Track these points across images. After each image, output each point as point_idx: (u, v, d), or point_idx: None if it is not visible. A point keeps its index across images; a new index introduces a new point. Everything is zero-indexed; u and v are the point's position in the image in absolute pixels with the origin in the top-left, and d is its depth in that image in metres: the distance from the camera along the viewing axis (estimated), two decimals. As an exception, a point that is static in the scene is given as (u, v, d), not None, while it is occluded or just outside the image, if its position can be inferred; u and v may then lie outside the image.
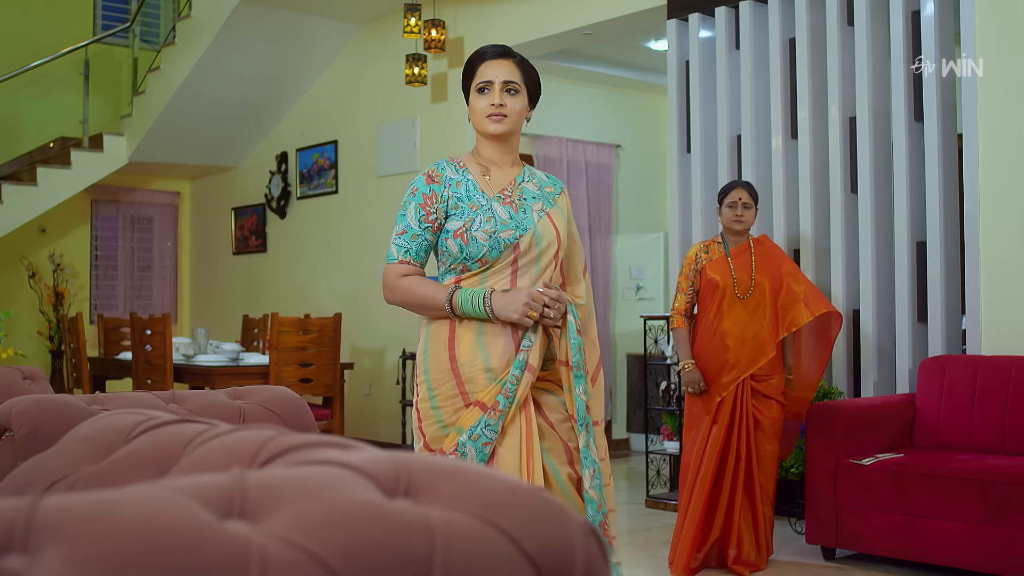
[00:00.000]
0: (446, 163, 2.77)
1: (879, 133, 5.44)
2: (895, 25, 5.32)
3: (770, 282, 4.60)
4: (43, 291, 9.66)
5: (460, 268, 2.68)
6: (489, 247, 2.63)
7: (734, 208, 4.65)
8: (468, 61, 2.81)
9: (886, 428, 4.86)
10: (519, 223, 2.68)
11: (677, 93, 6.33)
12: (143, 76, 9.26)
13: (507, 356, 2.63)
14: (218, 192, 10.39)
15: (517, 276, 2.67)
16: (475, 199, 2.69)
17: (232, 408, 2.39)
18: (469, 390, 2.65)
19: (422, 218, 2.69)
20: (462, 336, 2.66)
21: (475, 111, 2.77)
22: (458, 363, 2.65)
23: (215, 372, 6.20)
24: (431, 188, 2.71)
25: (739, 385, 4.54)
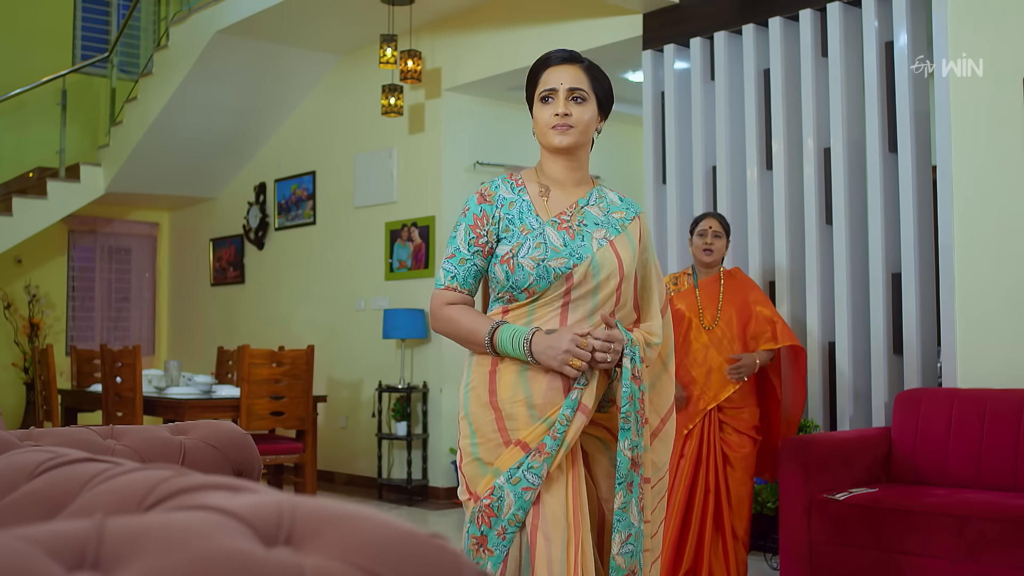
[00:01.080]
0: (501, 180, 2.55)
1: (854, 164, 5.41)
2: (869, 56, 5.30)
3: (737, 312, 4.54)
4: (18, 322, 9.56)
5: (507, 297, 2.48)
6: (537, 276, 2.40)
7: (704, 237, 4.60)
8: (531, 68, 2.57)
9: (861, 462, 4.79)
10: (574, 251, 2.43)
11: (653, 124, 6.30)
12: (121, 106, 9.21)
13: (552, 392, 2.41)
14: (197, 223, 10.32)
15: (568, 310, 2.43)
16: (527, 222, 2.46)
17: (173, 444, 2.31)
18: (510, 427, 2.42)
19: (471, 241, 2.48)
20: (504, 371, 2.45)
21: (538, 122, 2.53)
22: (498, 397, 2.44)
23: (185, 405, 6.11)
24: (482, 208, 2.49)
25: (706, 417, 4.47)
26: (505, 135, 8.04)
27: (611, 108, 2.60)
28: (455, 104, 7.72)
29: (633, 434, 2.40)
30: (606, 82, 2.57)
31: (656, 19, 6.25)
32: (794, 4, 5.59)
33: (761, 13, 5.73)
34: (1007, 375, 4.73)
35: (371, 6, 7.21)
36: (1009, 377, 4.72)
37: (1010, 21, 4.75)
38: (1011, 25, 4.75)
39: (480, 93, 7.71)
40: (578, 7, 6.64)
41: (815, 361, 5.44)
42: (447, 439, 7.62)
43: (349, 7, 7.28)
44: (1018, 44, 4.72)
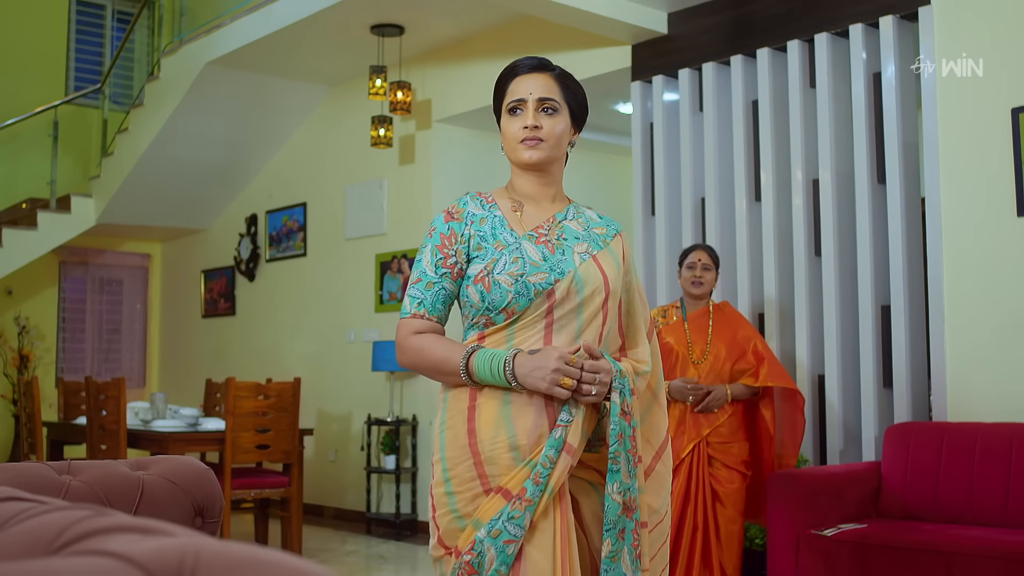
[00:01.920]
0: (470, 198, 2.34)
1: (842, 195, 5.37)
2: (857, 87, 5.28)
3: (727, 347, 4.49)
4: (7, 354, 9.50)
5: (483, 322, 2.24)
6: (516, 293, 2.18)
7: (693, 269, 4.55)
8: (498, 78, 2.39)
9: (850, 497, 4.72)
10: (555, 265, 2.22)
11: (641, 155, 6.27)
12: (112, 137, 9.19)
13: (538, 432, 2.17)
14: (188, 254, 10.29)
15: (552, 332, 2.21)
16: (501, 237, 2.25)
17: (131, 480, 2.25)
18: (489, 473, 2.18)
19: (439, 262, 2.26)
20: (484, 405, 2.20)
21: (506, 136, 2.33)
22: (477, 438, 2.19)
23: (170, 438, 6.03)
24: (449, 227, 2.28)
25: (693, 452, 4.40)
26: (496, 167, 7.99)
27: (585, 119, 2.42)
28: (445, 135, 7.70)
29: (624, 475, 2.18)
30: (579, 91, 2.39)
31: (645, 50, 6.23)
32: (782, 35, 5.57)
33: (749, 44, 5.72)
34: (998, 408, 4.68)
35: (361, 37, 7.20)
36: (1000, 410, 4.67)
37: (999, 53, 4.73)
38: (1000, 57, 4.73)
39: (470, 124, 7.69)
40: (567, 38, 6.62)
41: (805, 395, 5.37)
42: (437, 472, 7.52)
43: (339, 38, 7.27)
44: (1007, 75, 4.70)
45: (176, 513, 2.26)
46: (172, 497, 2.27)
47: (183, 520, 2.27)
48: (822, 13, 5.40)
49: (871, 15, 5.21)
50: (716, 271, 4.61)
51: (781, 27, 5.58)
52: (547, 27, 6.65)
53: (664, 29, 6.10)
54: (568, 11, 5.84)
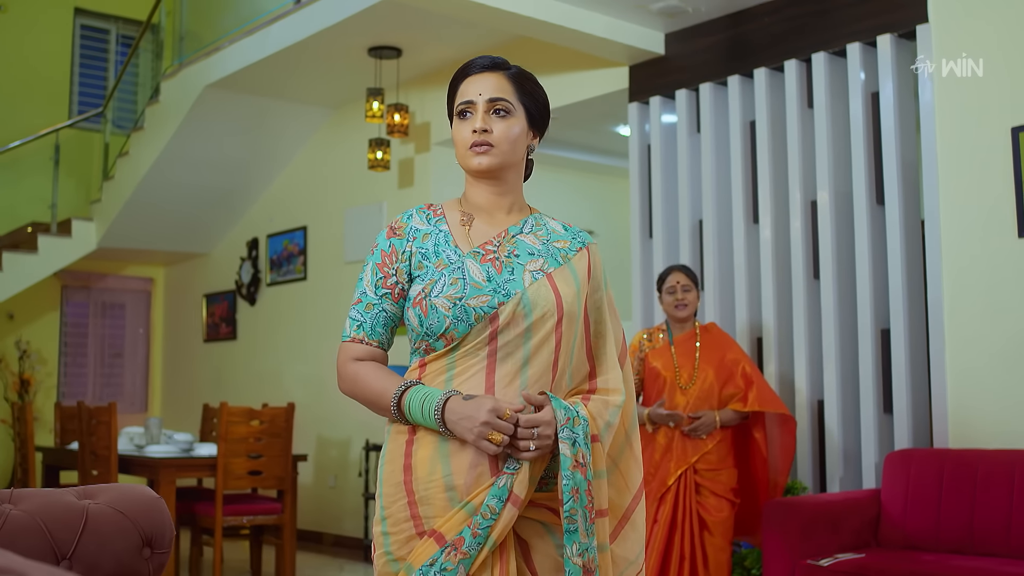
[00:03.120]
0: (416, 211, 2.15)
1: (841, 217, 5.28)
2: (854, 107, 5.18)
3: (715, 371, 4.39)
4: (8, 378, 9.45)
5: (424, 347, 2.05)
6: (454, 318, 1.98)
7: (674, 293, 4.47)
8: (451, 81, 2.19)
9: (848, 526, 4.60)
10: (499, 287, 2.01)
11: (639, 177, 6.19)
12: (113, 161, 9.17)
13: (477, 471, 1.97)
14: (190, 278, 10.24)
15: (496, 361, 2.00)
16: (444, 255, 2.06)
17: (75, 509, 2.17)
18: (423, 514, 1.98)
19: (379, 282, 2.08)
20: (422, 440, 2.02)
21: (456, 142, 2.14)
22: (413, 475, 2.00)
23: (160, 464, 5.95)
24: (391, 243, 2.10)
25: (681, 479, 4.30)
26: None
27: (547, 122, 2.21)
28: (444, 158, 7.63)
29: (582, 534, 1.94)
30: (538, 92, 2.18)
31: (642, 71, 6.16)
32: (779, 55, 5.49)
33: (746, 64, 5.64)
34: (1000, 434, 4.56)
35: (359, 60, 7.15)
36: (1002, 437, 4.55)
37: (998, 72, 4.64)
38: (999, 76, 4.64)
39: (470, 147, 7.62)
40: (564, 60, 6.56)
41: (804, 420, 5.27)
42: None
43: (337, 61, 7.23)
44: (1007, 94, 4.61)
45: (122, 544, 2.18)
46: (118, 527, 2.18)
47: (130, 551, 2.19)
48: (819, 32, 5.32)
49: (869, 34, 5.12)
50: (697, 290, 4.52)
51: (778, 47, 5.50)
52: (544, 49, 6.59)
53: (661, 50, 6.03)
54: (565, 32, 5.78)
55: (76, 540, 2.12)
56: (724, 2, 5.59)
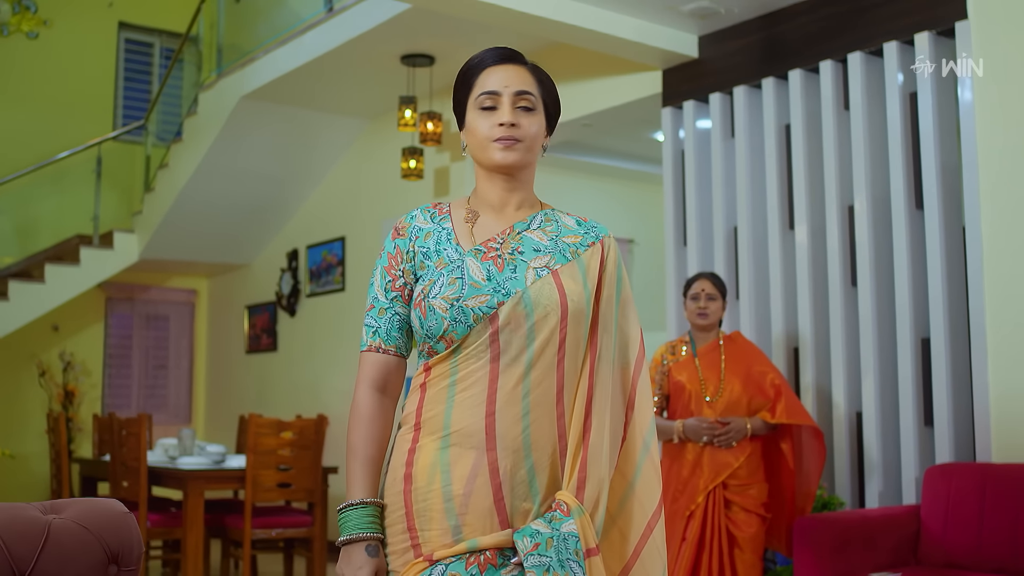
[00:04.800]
0: (420, 210, 2.07)
1: (879, 222, 5.09)
2: (892, 108, 5.00)
3: (742, 382, 4.24)
4: (53, 389, 9.51)
5: (428, 350, 1.97)
6: (451, 320, 1.90)
7: (697, 300, 4.33)
8: (461, 72, 2.08)
9: (885, 543, 4.41)
10: (500, 285, 1.92)
11: (673, 183, 6.05)
12: (154, 173, 9.20)
13: (477, 480, 1.88)
14: (233, 290, 10.25)
15: (500, 366, 1.91)
16: (444, 254, 1.98)
17: (37, 524, 2.09)
18: (420, 527, 1.90)
19: (388, 285, 2.01)
20: (424, 448, 1.93)
21: (476, 135, 2.02)
22: (412, 486, 1.92)
23: (189, 476, 5.92)
24: (396, 244, 2.03)
25: (710, 496, 4.15)
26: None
27: (557, 121, 2.16)
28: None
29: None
30: (554, 89, 2.13)
31: (675, 75, 6.02)
32: (814, 55, 5.33)
33: (781, 66, 5.48)
34: (1046, 449, 4.35)
35: (392, 68, 7.10)
36: (1048, 451, 4.34)
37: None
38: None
39: (505, 155, 7.53)
40: (597, 65, 6.45)
41: (842, 433, 5.09)
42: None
43: (370, 70, 7.17)
44: (1048, 92, 4.41)
45: (85, 560, 2.09)
46: (81, 543, 2.10)
47: (94, 568, 2.10)
48: (855, 32, 5.15)
49: (906, 32, 4.94)
50: (723, 300, 4.37)
51: (813, 47, 5.34)
52: (577, 54, 6.48)
53: (695, 53, 5.89)
54: (597, 36, 5.67)
55: (36, 556, 2.04)
56: (757, 2, 5.44)
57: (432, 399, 1.95)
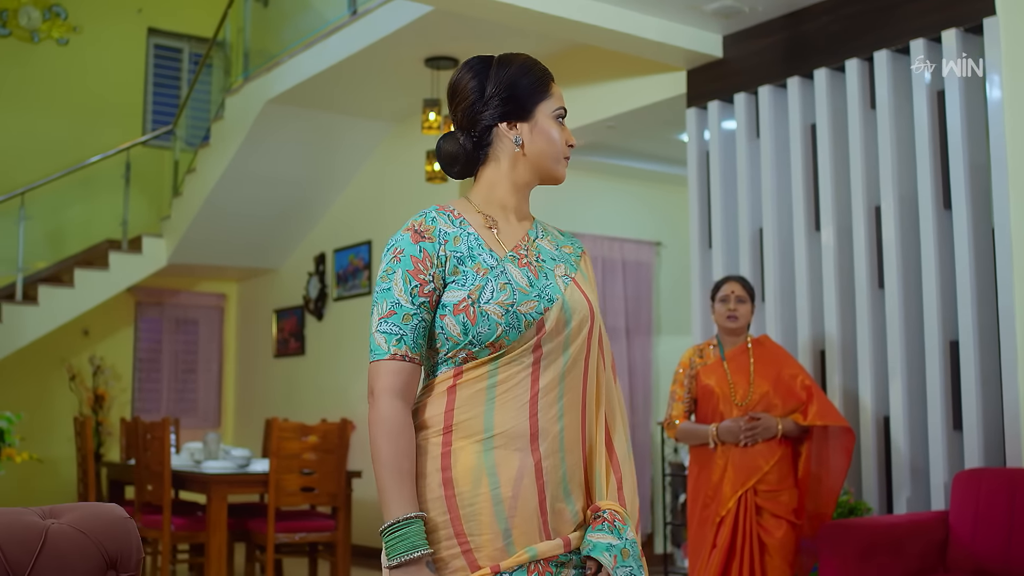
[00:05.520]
0: (436, 212, 1.98)
1: (906, 223, 5.00)
2: (919, 106, 4.92)
3: (772, 386, 4.17)
4: (83, 394, 9.57)
5: (464, 357, 1.90)
6: (506, 326, 1.86)
7: (726, 303, 4.26)
8: (537, 69, 2.04)
9: (912, 549, 4.32)
10: (543, 292, 1.92)
11: (698, 185, 5.99)
12: (182, 178, 9.24)
13: (524, 481, 1.86)
14: (262, 294, 10.27)
15: (540, 369, 1.90)
16: (481, 260, 1.92)
17: (34, 529, 2.06)
18: (469, 533, 1.85)
19: (415, 290, 1.89)
20: (463, 450, 1.88)
21: (551, 143, 2.00)
22: (455, 489, 1.86)
23: (212, 480, 5.92)
24: (421, 248, 1.91)
25: (740, 501, 4.07)
26: (557, 200, 7.79)
27: None
28: (505, 169, 7.50)
29: None
30: None
31: (700, 75, 5.96)
32: (840, 54, 5.25)
33: (806, 65, 5.41)
34: (1078, 453, 4.25)
35: (416, 71, 7.07)
36: (1080, 456, 4.24)
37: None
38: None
39: (530, 158, 7.49)
40: (622, 66, 6.39)
41: (869, 437, 5.00)
42: (497, 517, 7.28)
43: (393, 73, 7.16)
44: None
45: (83, 565, 2.07)
46: (78, 548, 2.07)
47: (92, 573, 2.08)
48: (881, 29, 5.07)
49: (933, 29, 4.85)
50: (752, 303, 4.30)
51: (838, 46, 5.26)
52: (601, 55, 6.43)
53: (719, 52, 5.82)
54: (621, 38, 5.62)
55: (32, 562, 2.02)
56: (782, 1, 5.37)
57: (467, 401, 1.89)
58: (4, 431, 6.85)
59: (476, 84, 2.02)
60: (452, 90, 2.07)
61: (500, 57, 2.06)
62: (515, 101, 2.01)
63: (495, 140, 2.03)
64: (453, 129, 2.09)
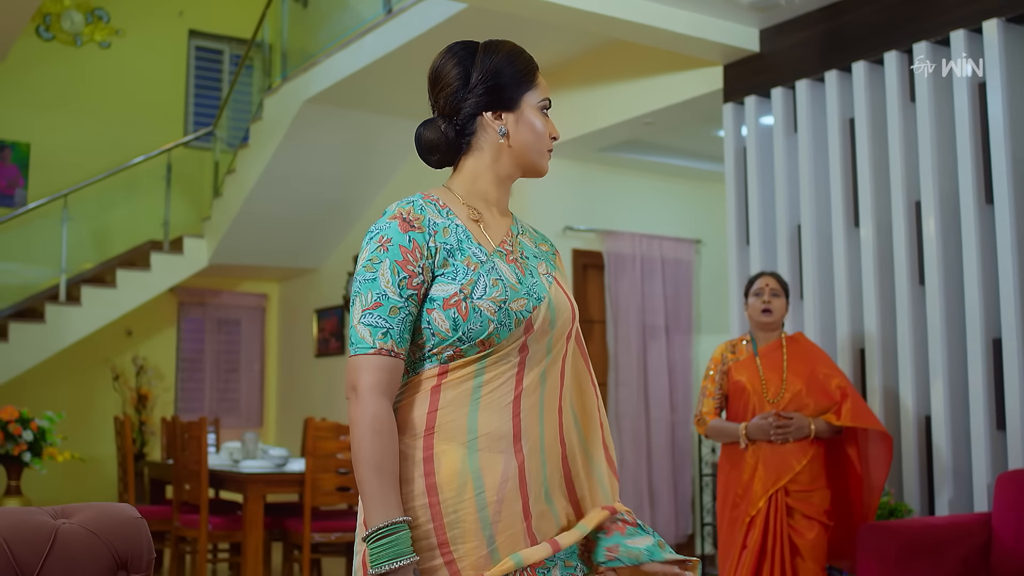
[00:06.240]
0: (424, 201, 1.90)
1: (947, 218, 4.89)
2: (960, 99, 4.80)
3: (806, 384, 4.08)
4: (126, 393, 9.65)
5: (451, 354, 1.82)
6: (498, 323, 1.80)
7: (760, 296, 4.18)
8: (521, 59, 1.98)
9: (954, 552, 4.22)
10: (530, 289, 1.86)
11: (735, 181, 5.91)
12: (222, 179, 9.29)
13: (508, 484, 1.81)
14: (303, 294, 10.30)
15: (524, 369, 1.85)
16: (470, 253, 1.86)
17: (44, 529, 2.05)
18: (452, 541, 1.78)
19: (403, 282, 1.80)
20: (446, 454, 1.80)
21: (535, 134, 1.95)
22: (439, 496, 1.79)
23: (249, 479, 5.93)
24: (410, 237, 1.83)
25: (771, 502, 4.00)
26: (595, 198, 7.74)
27: None
28: (542, 167, 7.46)
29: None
30: None
31: (736, 70, 5.88)
32: (878, 46, 5.14)
33: (844, 58, 5.31)
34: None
35: (452, 69, 7.03)
36: None
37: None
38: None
39: (567, 155, 7.45)
40: (658, 62, 6.33)
41: (910, 438, 4.90)
42: (535, 517, 7.24)
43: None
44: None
45: (92, 566, 2.05)
46: (88, 548, 2.06)
47: (101, 574, 2.06)
48: (920, 21, 4.96)
49: (974, 19, 4.74)
50: (786, 298, 4.22)
51: (877, 38, 5.16)
52: (636, 51, 6.38)
53: (756, 47, 5.74)
54: (657, 33, 5.56)
55: (41, 562, 2.01)
56: (819, -7, 5.29)
57: (452, 402, 1.82)
58: (46, 431, 6.91)
59: (461, 71, 1.96)
60: (435, 75, 2.00)
61: (485, 44, 2.00)
62: (501, 90, 1.95)
63: (479, 130, 1.97)
64: (433, 116, 2.03)
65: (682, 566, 1.89)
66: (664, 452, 7.71)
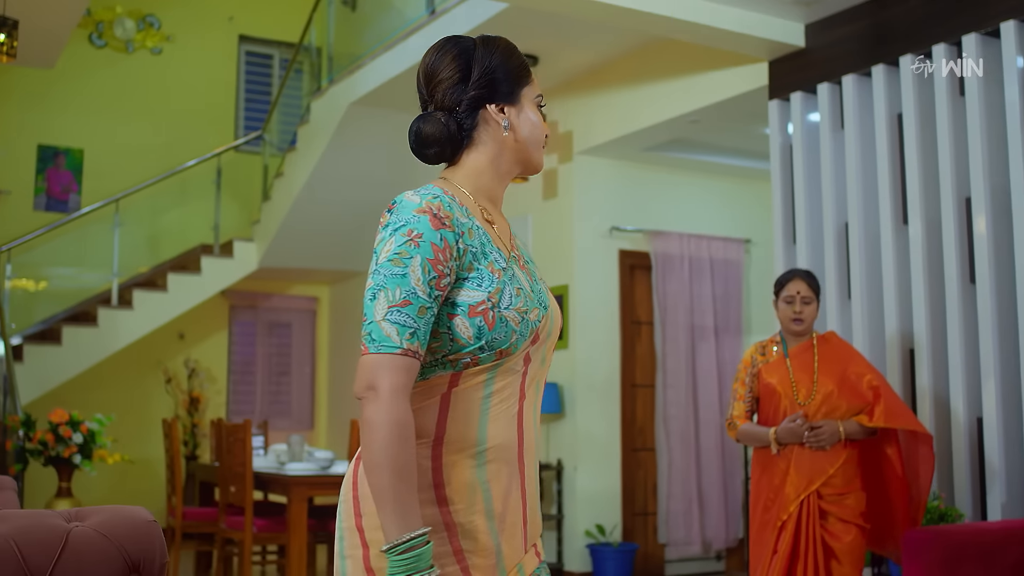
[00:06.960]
0: (448, 198, 1.78)
1: (998, 214, 4.76)
2: (1011, 92, 4.67)
3: (837, 385, 3.98)
4: (178, 396, 9.73)
5: (467, 362, 1.74)
6: (519, 334, 1.75)
7: (792, 304, 4.07)
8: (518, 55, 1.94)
9: (1005, 559, 4.09)
10: (539, 298, 1.82)
11: (781, 179, 5.81)
12: (271, 182, 9.34)
13: (511, 496, 1.78)
14: (353, 297, 10.32)
15: (526, 379, 1.81)
16: (493, 259, 1.77)
17: (56, 532, 2.05)
18: (467, 549, 1.73)
19: (432, 281, 1.69)
20: (456, 465, 1.75)
21: (535, 128, 1.91)
22: (451, 507, 1.73)
23: (292, 481, 5.94)
24: (442, 236, 1.72)
25: (803, 505, 3.91)
26: (642, 198, 7.66)
27: None
28: (587, 167, 7.41)
29: None
30: None
31: (782, 66, 5.78)
32: (926, 39, 5.02)
33: (891, 52, 5.19)
34: None
35: (496, 70, 7.00)
36: None
37: None
38: None
39: (613, 155, 7.38)
40: (702, 59, 6.24)
41: (961, 440, 4.77)
42: (582, 520, 7.19)
43: (473, 72, 7.10)
44: None
45: (103, 569, 2.04)
46: (100, 551, 2.05)
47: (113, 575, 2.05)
48: (969, 12, 4.84)
49: (1024, 10, 4.62)
50: (817, 301, 4.11)
51: (925, 30, 5.04)
52: (683, 48, 6.30)
53: (801, 42, 5.64)
54: (703, 30, 5.49)
55: (52, 565, 2.00)
56: (865, -14, 5.18)
57: (462, 412, 1.76)
58: (95, 433, 6.99)
59: (461, 63, 1.90)
60: (432, 69, 1.92)
61: (482, 38, 1.95)
62: (502, 83, 1.89)
63: (480, 123, 1.90)
64: (430, 110, 1.93)
65: None
66: (714, 455, 7.60)
